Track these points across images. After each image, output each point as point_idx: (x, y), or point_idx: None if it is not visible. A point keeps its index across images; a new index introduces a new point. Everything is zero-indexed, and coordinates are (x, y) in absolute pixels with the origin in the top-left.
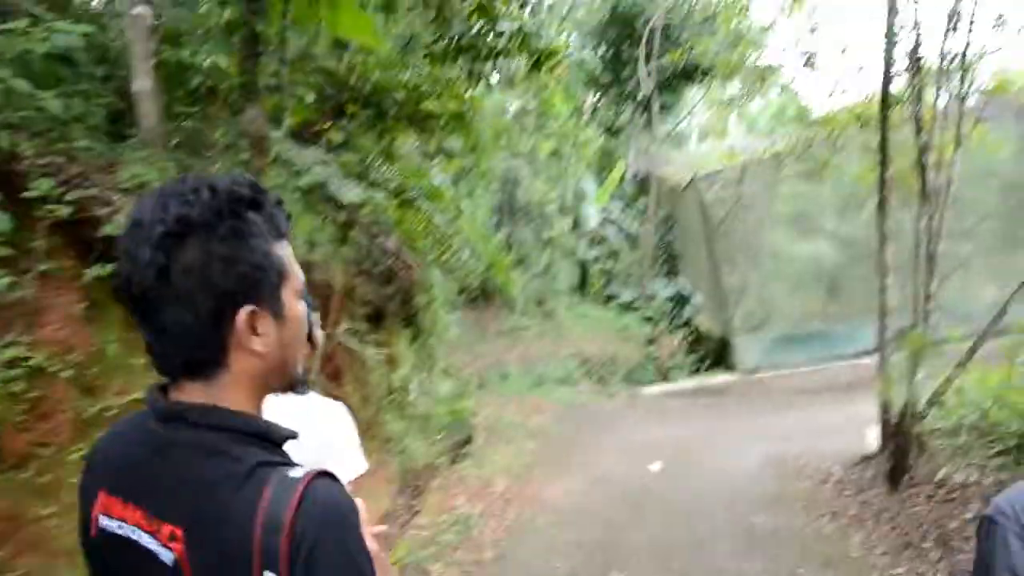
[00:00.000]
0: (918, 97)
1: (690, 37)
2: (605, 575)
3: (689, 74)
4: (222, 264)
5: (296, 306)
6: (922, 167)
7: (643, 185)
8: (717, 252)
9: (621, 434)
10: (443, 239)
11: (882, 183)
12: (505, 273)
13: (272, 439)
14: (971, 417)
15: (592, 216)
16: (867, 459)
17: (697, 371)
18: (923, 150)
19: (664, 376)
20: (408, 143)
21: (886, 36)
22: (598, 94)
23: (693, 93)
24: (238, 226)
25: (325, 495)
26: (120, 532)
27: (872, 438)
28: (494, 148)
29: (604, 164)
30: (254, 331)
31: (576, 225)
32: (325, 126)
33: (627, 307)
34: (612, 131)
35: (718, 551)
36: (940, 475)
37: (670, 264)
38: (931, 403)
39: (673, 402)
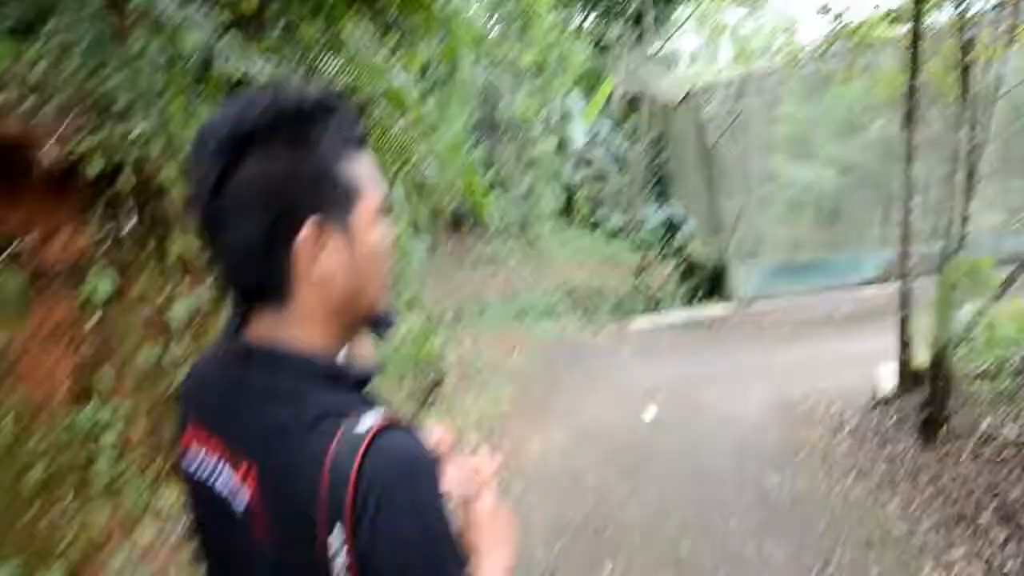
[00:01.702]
0: None
1: None
2: (595, 569)
3: None
4: (282, 174)
5: (373, 228)
6: (965, 66)
7: (633, 104)
8: (712, 175)
9: (609, 374)
10: (405, 151)
11: (911, 88)
12: (479, 194)
13: (346, 380)
14: (1014, 357)
15: (579, 136)
16: (885, 403)
17: (690, 302)
18: (967, 44)
19: (655, 307)
20: (361, 35)
21: None
22: (586, 7)
23: (685, 9)
24: (302, 133)
25: (393, 446)
26: (199, 473)
27: (886, 378)
28: (471, 55)
29: (592, 82)
30: (321, 249)
31: (561, 145)
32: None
33: (615, 233)
34: (601, 47)
35: (731, 528)
36: (984, 427)
37: (661, 188)
38: (960, 341)
39: (665, 336)
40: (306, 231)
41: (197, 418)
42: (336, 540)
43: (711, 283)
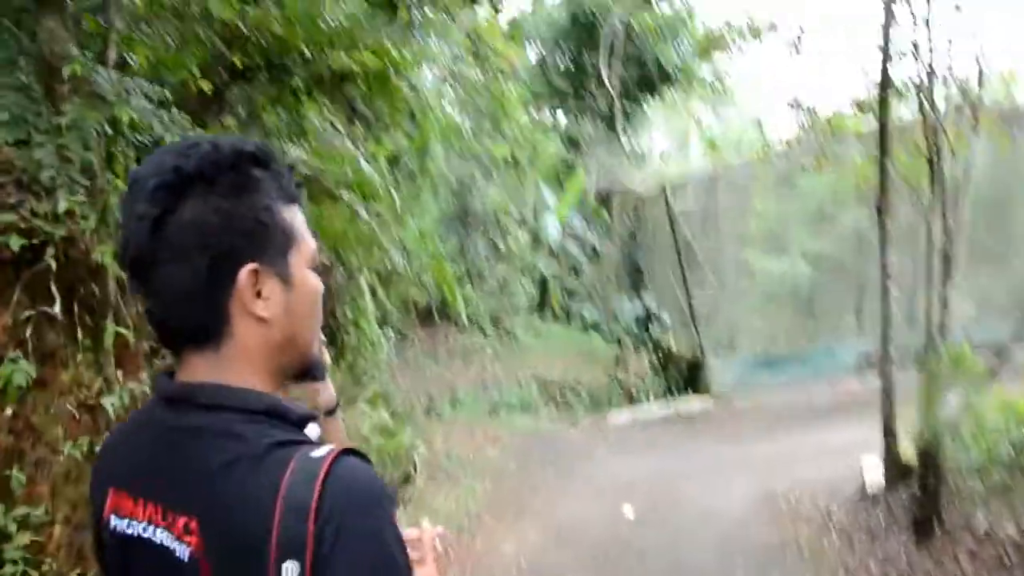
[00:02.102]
0: (929, 73)
1: (654, 44)
2: None
3: (652, 84)
4: (221, 218)
5: (307, 275)
6: (934, 155)
7: (605, 199)
8: (686, 268)
9: (586, 469)
10: (372, 240)
11: (883, 175)
12: (449, 286)
13: (289, 418)
14: (1002, 449)
15: (552, 229)
16: (873, 497)
17: (667, 395)
18: (933, 135)
19: (631, 401)
20: (326, 123)
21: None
22: (558, 105)
23: (656, 106)
24: (240, 180)
25: (354, 474)
26: (131, 531)
27: (872, 470)
28: (442, 147)
29: (564, 177)
30: (258, 293)
31: (535, 239)
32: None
33: (591, 326)
34: (573, 143)
35: None
36: (979, 523)
37: (635, 281)
38: (947, 433)
39: (642, 430)
40: (244, 274)
41: (119, 485)
42: (290, 572)
43: (688, 376)
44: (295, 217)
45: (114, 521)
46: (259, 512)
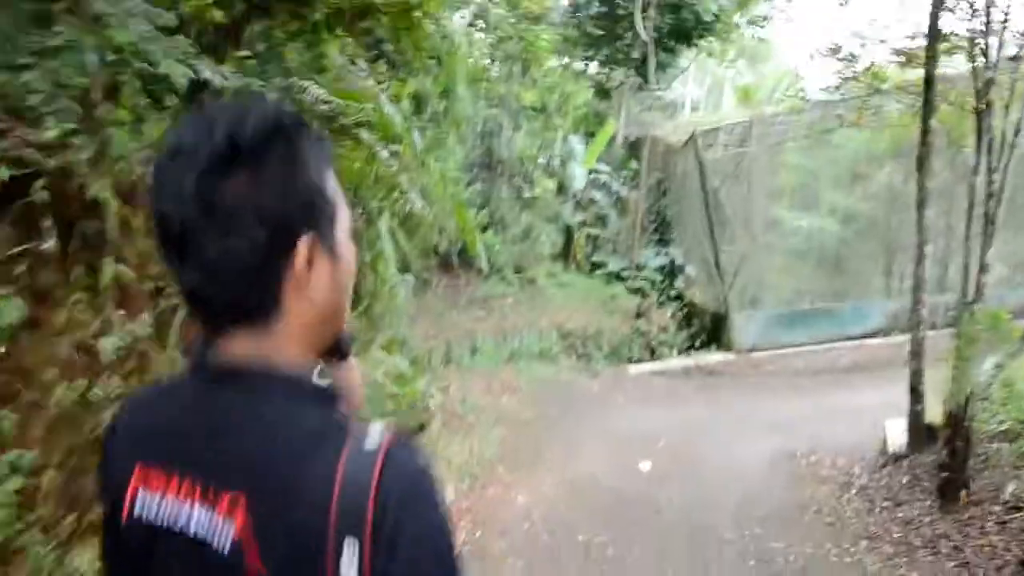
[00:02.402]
0: (986, 23)
1: None
2: None
3: (687, 33)
4: (278, 189)
5: (348, 245)
6: (982, 109)
7: (634, 148)
8: (714, 220)
9: (605, 420)
10: (392, 183)
11: (924, 132)
12: (470, 232)
13: (332, 395)
14: None
15: (579, 178)
16: (896, 460)
17: (689, 348)
18: (985, 88)
19: (653, 353)
20: (346, 61)
21: None
22: (589, 53)
23: (690, 56)
24: (291, 149)
25: (407, 462)
26: (163, 513)
27: (896, 433)
28: (469, 91)
29: (593, 125)
30: (311, 266)
31: (561, 187)
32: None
33: (614, 277)
34: (603, 92)
35: None
36: (1009, 492)
37: (662, 232)
38: (975, 398)
39: (663, 382)
40: (303, 246)
41: (150, 459)
42: (349, 557)
43: (711, 330)
44: (335, 185)
45: (141, 499)
46: (317, 490)
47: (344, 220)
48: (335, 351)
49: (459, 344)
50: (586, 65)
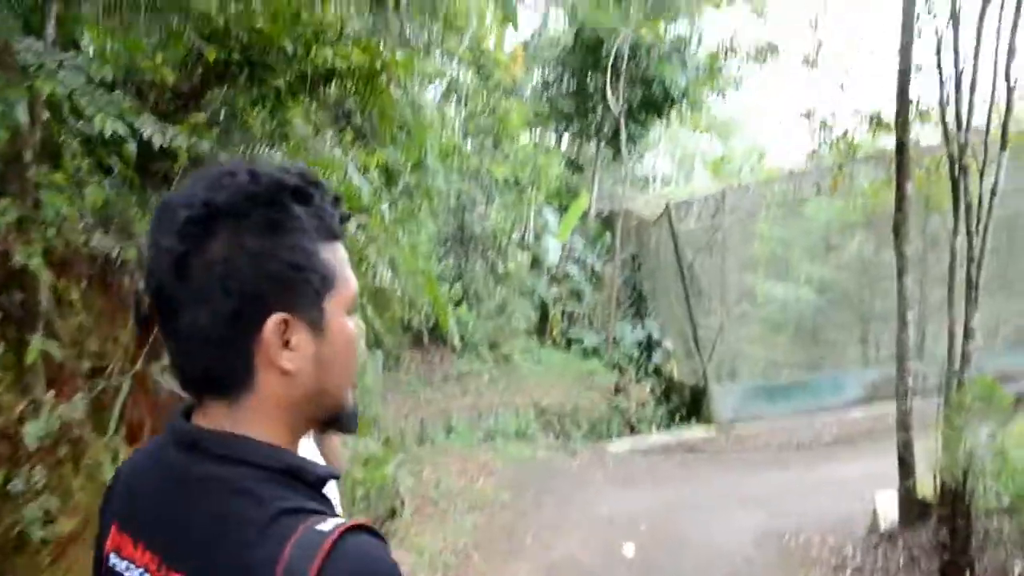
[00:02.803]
0: (956, 88)
1: (660, 65)
2: None
3: (657, 106)
4: (250, 259)
5: (343, 322)
6: (957, 175)
7: (608, 222)
8: (690, 292)
9: (585, 502)
10: (361, 256)
11: (899, 198)
12: (441, 307)
13: (305, 479)
14: None
15: (553, 252)
16: (890, 538)
17: (670, 424)
18: (960, 152)
19: (633, 430)
20: (310, 126)
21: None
22: (562, 127)
23: (660, 129)
24: (276, 217)
25: (359, 552)
26: (127, 574)
27: (886, 507)
28: (440, 164)
29: (566, 199)
30: (285, 344)
31: (535, 261)
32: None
33: (591, 352)
34: (575, 166)
35: None
36: (1017, 573)
37: (638, 306)
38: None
39: (644, 461)
40: (271, 324)
41: (122, 523)
42: None
43: (691, 404)
44: (336, 256)
45: (113, 560)
46: (259, 574)
47: (343, 294)
48: (333, 425)
49: (433, 423)
50: (558, 139)
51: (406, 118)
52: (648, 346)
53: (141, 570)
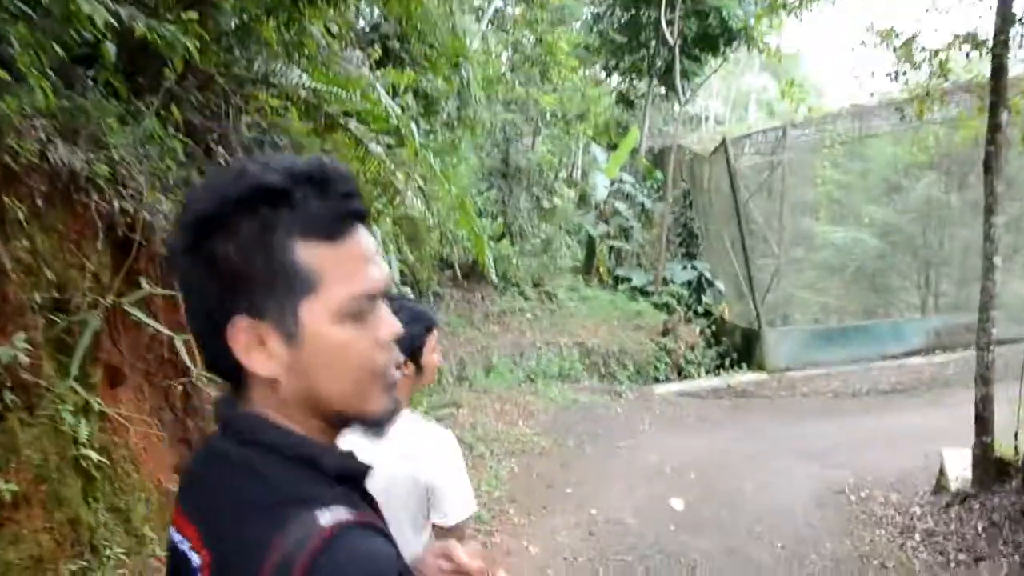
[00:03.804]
0: None
1: None
2: None
3: (713, 41)
4: (212, 266)
5: (327, 328)
6: None
7: (659, 160)
8: (746, 232)
9: (631, 448)
10: (387, 182)
11: (993, 129)
12: (478, 241)
13: (324, 470)
14: None
15: (601, 188)
16: (964, 499)
17: (719, 368)
18: None
19: (681, 373)
20: (331, 39)
21: None
22: (613, 62)
23: (715, 64)
24: (248, 222)
25: (352, 550)
26: (181, 548)
27: (956, 465)
28: (485, 93)
29: (616, 135)
30: (255, 347)
31: (583, 198)
32: None
33: (639, 292)
34: (627, 101)
35: None
36: None
37: (688, 245)
38: None
39: (692, 405)
40: (231, 330)
41: (181, 500)
42: None
43: (742, 348)
44: (326, 258)
45: (173, 534)
46: (250, 568)
47: (332, 298)
48: (364, 429)
49: (473, 362)
50: (608, 75)
51: (448, 44)
52: (699, 287)
53: (188, 544)
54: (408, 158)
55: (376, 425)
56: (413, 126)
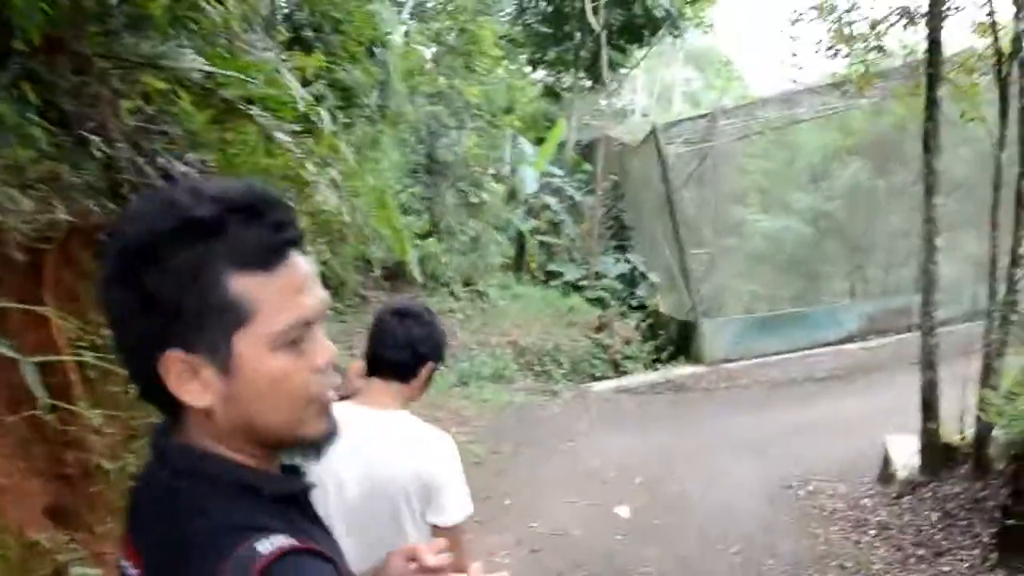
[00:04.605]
0: None
1: None
2: None
3: (638, 31)
4: (142, 298)
5: (262, 358)
6: (1006, 72)
7: (587, 152)
8: (675, 223)
9: (571, 452)
10: (292, 173)
11: (930, 104)
12: (398, 237)
13: (263, 496)
14: None
15: (530, 182)
16: (914, 488)
17: (656, 362)
18: (1016, 44)
19: (617, 368)
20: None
21: None
22: (538, 54)
23: (640, 56)
24: (177, 253)
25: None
26: (129, 574)
27: (901, 453)
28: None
29: (543, 128)
30: (188, 379)
31: (511, 192)
32: None
33: (572, 287)
34: (553, 94)
35: None
36: None
37: (620, 238)
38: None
39: (631, 402)
40: (162, 363)
41: (129, 524)
42: None
43: (679, 341)
44: (260, 288)
45: (121, 559)
46: None
47: (265, 326)
48: (301, 453)
49: None
50: (533, 69)
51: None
52: (632, 280)
53: (137, 572)
54: (319, 150)
55: (314, 448)
56: (326, 115)
